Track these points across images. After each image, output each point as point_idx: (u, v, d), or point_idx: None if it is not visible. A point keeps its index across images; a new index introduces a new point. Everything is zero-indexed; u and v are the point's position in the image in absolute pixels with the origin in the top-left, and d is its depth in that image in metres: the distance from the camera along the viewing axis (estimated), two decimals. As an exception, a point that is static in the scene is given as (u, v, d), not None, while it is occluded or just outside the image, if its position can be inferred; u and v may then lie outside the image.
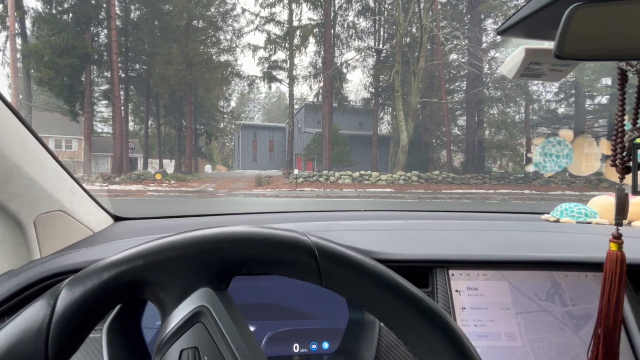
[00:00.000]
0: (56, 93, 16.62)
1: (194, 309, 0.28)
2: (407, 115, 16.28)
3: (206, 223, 1.04)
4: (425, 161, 19.63)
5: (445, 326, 0.30)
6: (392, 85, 16.93)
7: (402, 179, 15.39)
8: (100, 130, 27.99)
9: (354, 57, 19.92)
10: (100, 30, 18.16)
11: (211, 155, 32.10)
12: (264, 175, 16.81)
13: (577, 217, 1.08)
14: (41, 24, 16.04)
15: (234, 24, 20.94)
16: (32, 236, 0.67)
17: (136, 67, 20.41)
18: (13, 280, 0.56)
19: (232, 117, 26.37)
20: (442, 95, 18.44)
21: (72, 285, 0.27)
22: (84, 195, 0.84)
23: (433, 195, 12.60)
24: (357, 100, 25.53)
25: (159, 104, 21.09)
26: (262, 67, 20.85)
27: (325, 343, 0.66)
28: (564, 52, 0.39)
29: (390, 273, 0.32)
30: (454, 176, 16.20)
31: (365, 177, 15.62)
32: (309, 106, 23.46)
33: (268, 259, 0.30)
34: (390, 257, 0.65)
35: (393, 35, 20.54)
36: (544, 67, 0.56)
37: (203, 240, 0.30)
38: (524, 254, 0.68)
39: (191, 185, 15.14)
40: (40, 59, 14.99)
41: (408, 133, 16.09)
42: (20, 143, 0.61)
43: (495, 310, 0.63)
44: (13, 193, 0.61)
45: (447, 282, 0.64)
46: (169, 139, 24.48)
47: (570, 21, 0.37)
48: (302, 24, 19.49)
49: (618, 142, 0.49)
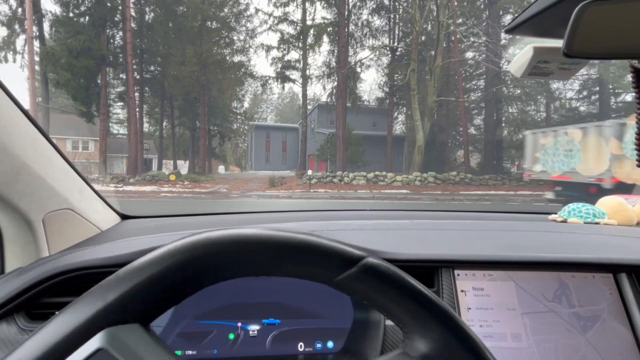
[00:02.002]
0: (73, 95, 16.87)
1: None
2: (423, 115, 15.87)
3: (211, 222, 1.03)
4: (441, 161, 19.16)
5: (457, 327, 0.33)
6: (408, 84, 16.55)
7: (418, 180, 15.00)
8: (116, 132, 28.54)
9: (368, 56, 19.64)
10: (116, 33, 18.42)
11: (224, 156, 32.29)
12: (277, 176, 16.68)
13: (585, 218, 1.05)
14: (58, 27, 16.30)
15: (247, 24, 20.95)
16: (40, 234, 0.68)
17: (151, 69, 20.63)
18: (22, 277, 0.57)
19: (245, 118, 26.46)
20: (459, 94, 17.94)
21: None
22: (91, 194, 0.85)
23: (451, 197, 12.19)
24: (370, 100, 25.19)
25: (173, 105, 21.29)
26: (275, 67, 20.82)
27: (330, 342, 0.66)
28: (573, 50, 0.39)
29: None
30: (472, 177, 15.66)
31: (380, 178, 15.28)
32: (322, 106, 23.26)
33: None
34: (396, 256, 0.65)
35: (408, 33, 20.16)
36: (552, 66, 0.56)
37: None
38: (531, 254, 0.67)
39: (205, 186, 15.14)
40: (58, 61, 15.21)
41: (424, 133, 15.68)
42: (30, 142, 0.62)
43: (501, 310, 0.62)
44: (22, 191, 0.63)
45: (452, 282, 0.64)
46: (183, 140, 24.72)
47: (580, 19, 0.37)
48: (315, 22, 19.31)
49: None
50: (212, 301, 0.65)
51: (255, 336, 0.65)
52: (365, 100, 23.49)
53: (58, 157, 0.71)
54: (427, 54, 16.98)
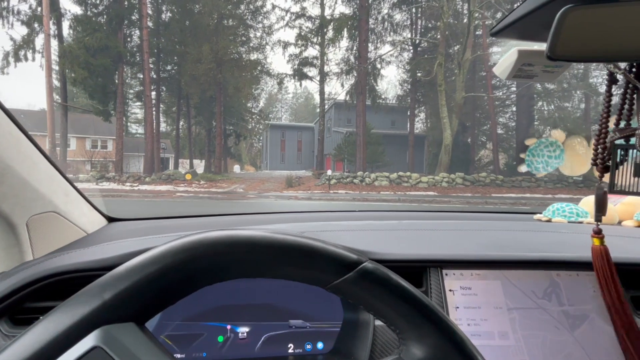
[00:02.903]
0: (90, 93, 16.90)
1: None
2: (451, 112, 14.97)
3: (200, 224, 1.03)
4: (467, 161, 18.18)
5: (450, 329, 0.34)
6: (433, 80, 15.67)
7: (445, 181, 14.14)
8: (134, 131, 28.75)
9: (388, 52, 18.84)
10: (133, 31, 18.34)
11: (240, 155, 32.16)
12: (294, 175, 16.15)
13: (569, 217, 1.07)
14: (77, 25, 16.25)
15: (264, 21, 20.41)
16: (24, 237, 0.66)
17: (167, 68, 20.53)
18: (5, 282, 0.56)
19: (260, 117, 26.22)
20: (489, 89, 16.92)
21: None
22: (77, 197, 0.83)
23: (483, 200, 11.32)
24: (389, 98, 24.32)
25: (189, 104, 21.24)
26: (292, 65, 20.29)
27: (319, 343, 0.65)
28: (556, 53, 0.40)
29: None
30: (503, 178, 14.65)
31: (404, 178, 14.48)
32: (339, 105, 22.66)
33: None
34: (385, 257, 0.65)
35: (431, 27, 19.26)
36: (536, 69, 0.57)
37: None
38: (517, 253, 0.69)
39: (221, 185, 14.81)
40: (75, 60, 15.13)
41: (452, 131, 14.78)
42: (13, 144, 0.61)
43: (489, 309, 0.63)
44: (5, 194, 0.61)
45: (440, 281, 0.64)
46: (199, 139, 24.66)
47: (563, 23, 0.38)
48: (335, 16, 18.64)
49: (600, 143, 0.51)
50: (201, 303, 0.64)
51: (245, 338, 0.64)
52: (386, 98, 22.63)
53: (42, 159, 0.70)
54: (452, 48, 16.04)
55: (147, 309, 0.30)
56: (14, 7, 15.53)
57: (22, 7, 15.97)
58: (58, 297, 0.57)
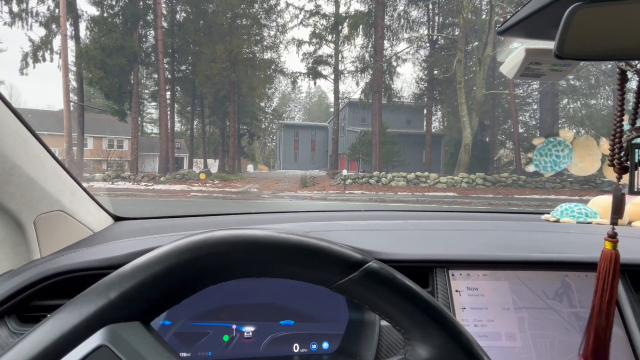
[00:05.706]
0: (105, 93, 17.04)
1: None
2: (471, 110, 14.46)
3: (206, 223, 1.02)
4: (485, 161, 17.58)
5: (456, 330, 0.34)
6: (452, 77, 15.18)
7: (465, 182, 13.66)
8: (149, 131, 29.04)
9: (404, 49, 18.38)
10: (148, 31, 18.44)
11: (253, 155, 32.16)
12: (308, 175, 15.93)
13: (578, 217, 1.06)
14: (93, 26, 16.41)
15: (278, 20, 20.26)
16: (32, 236, 0.67)
17: (182, 68, 20.59)
18: (13, 280, 0.56)
19: (274, 116, 26.09)
20: (510, 87, 16.30)
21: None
22: (84, 196, 0.83)
23: (506, 202, 10.84)
24: (404, 97, 23.82)
25: (204, 104, 21.30)
26: (306, 63, 20.06)
27: (325, 343, 0.65)
28: (564, 52, 0.39)
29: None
30: (526, 179, 14.05)
31: (421, 179, 14.07)
32: (353, 103, 22.33)
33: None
34: (391, 257, 0.64)
35: (449, 24, 18.71)
36: (544, 67, 0.57)
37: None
38: (524, 254, 0.68)
39: (235, 185, 14.71)
40: (92, 60, 15.27)
41: (472, 130, 14.28)
42: (21, 143, 0.61)
43: (496, 310, 0.62)
44: (13, 193, 0.62)
45: (447, 282, 0.64)
46: (213, 139, 24.73)
47: (571, 21, 0.38)
48: (350, 13, 18.31)
49: (616, 142, 0.50)
50: (206, 302, 0.64)
51: (250, 337, 0.64)
52: (402, 96, 22.15)
53: (50, 158, 0.70)
54: (471, 45, 15.50)
55: (152, 308, 0.30)
56: (32, 9, 15.80)
57: (41, 8, 16.10)
58: (65, 296, 0.58)
